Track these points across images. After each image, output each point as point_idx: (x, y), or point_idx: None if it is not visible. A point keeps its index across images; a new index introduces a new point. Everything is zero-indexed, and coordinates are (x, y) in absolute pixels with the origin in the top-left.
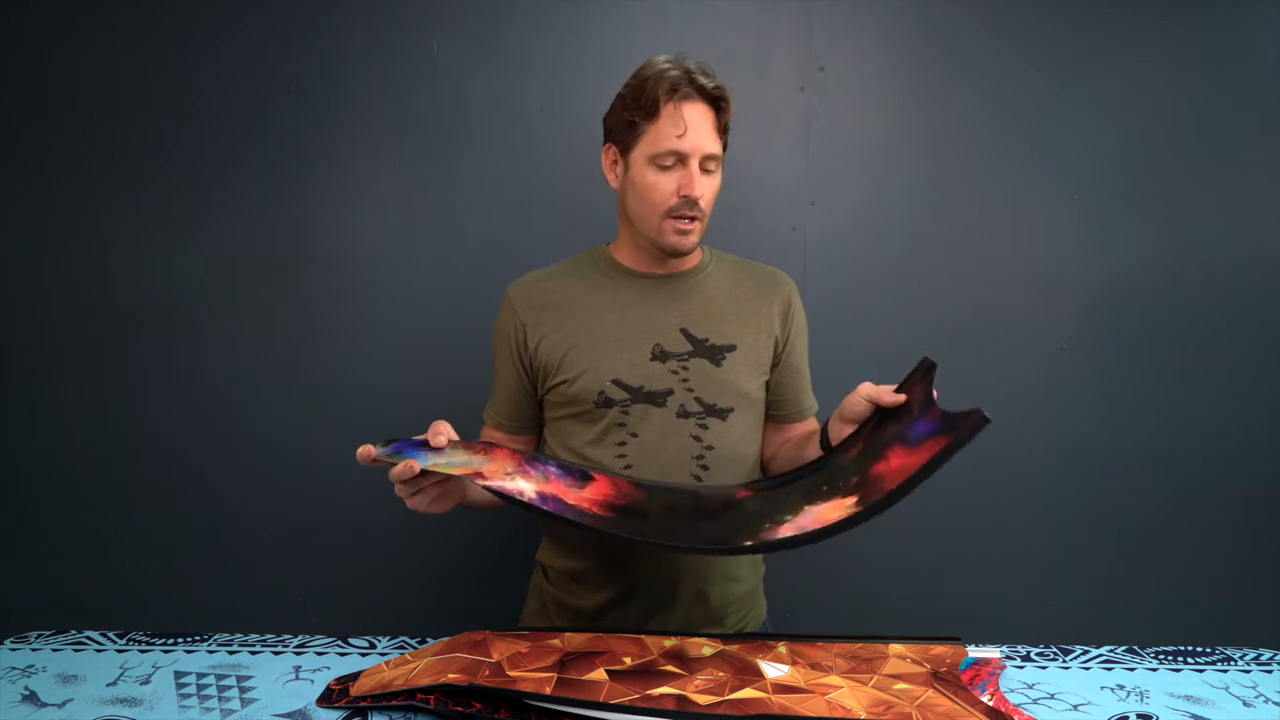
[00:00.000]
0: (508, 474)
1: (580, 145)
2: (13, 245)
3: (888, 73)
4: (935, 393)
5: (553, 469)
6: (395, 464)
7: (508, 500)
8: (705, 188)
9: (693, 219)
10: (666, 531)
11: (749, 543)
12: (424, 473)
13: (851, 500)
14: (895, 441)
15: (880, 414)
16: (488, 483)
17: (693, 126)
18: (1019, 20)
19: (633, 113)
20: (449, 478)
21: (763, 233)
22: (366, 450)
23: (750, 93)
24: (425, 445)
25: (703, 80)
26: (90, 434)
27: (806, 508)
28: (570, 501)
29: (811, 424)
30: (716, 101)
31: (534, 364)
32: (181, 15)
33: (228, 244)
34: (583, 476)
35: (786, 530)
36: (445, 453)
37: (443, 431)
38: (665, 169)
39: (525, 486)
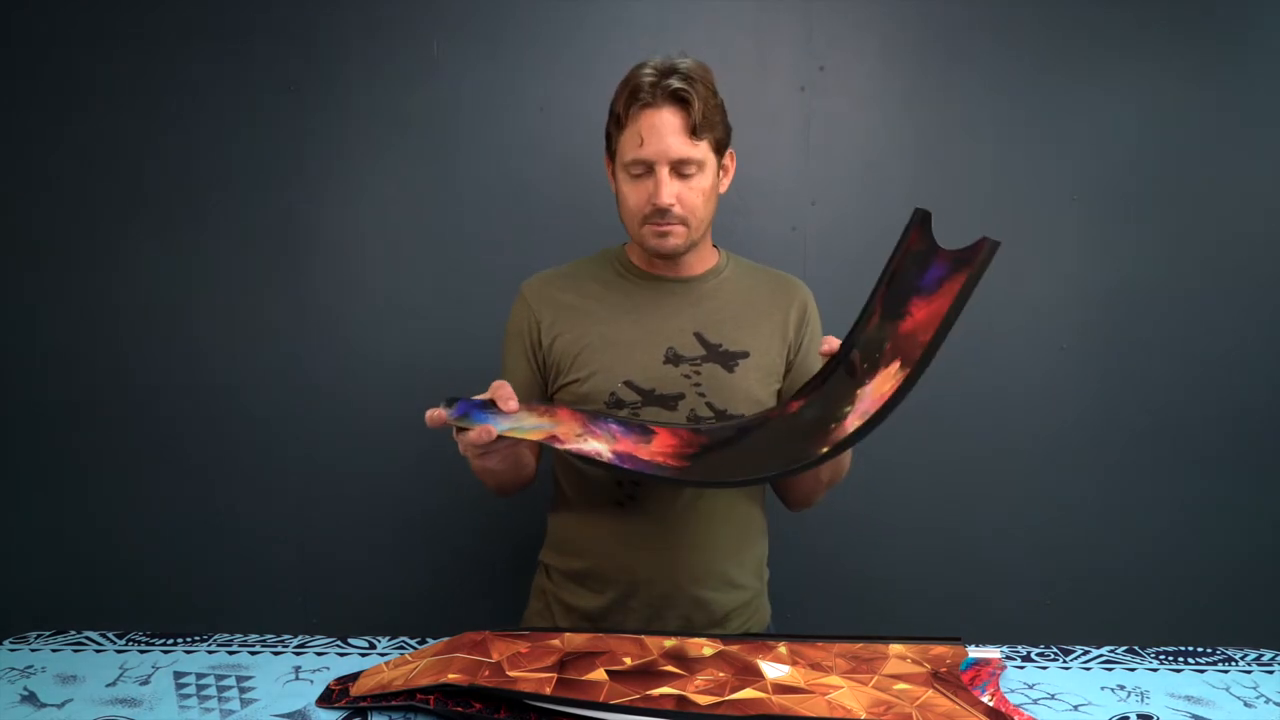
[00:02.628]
0: (578, 435)
1: (580, 145)
2: (13, 245)
3: (888, 73)
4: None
5: (615, 426)
6: (467, 428)
7: (586, 461)
8: (679, 194)
9: (670, 223)
10: (743, 467)
11: (825, 449)
12: (500, 436)
13: (895, 366)
14: (912, 295)
15: (888, 277)
16: (565, 446)
17: (652, 134)
18: (1019, 20)
19: (610, 123)
20: (518, 440)
21: (763, 233)
22: (437, 414)
23: (750, 93)
24: (490, 406)
25: (666, 81)
26: (90, 434)
27: (858, 391)
28: (644, 458)
29: None
30: (682, 102)
31: (547, 361)
32: (181, 15)
33: (227, 243)
34: (644, 431)
35: (853, 421)
36: (515, 415)
37: (511, 395)
38: (636, 177)
39: (599, 447)
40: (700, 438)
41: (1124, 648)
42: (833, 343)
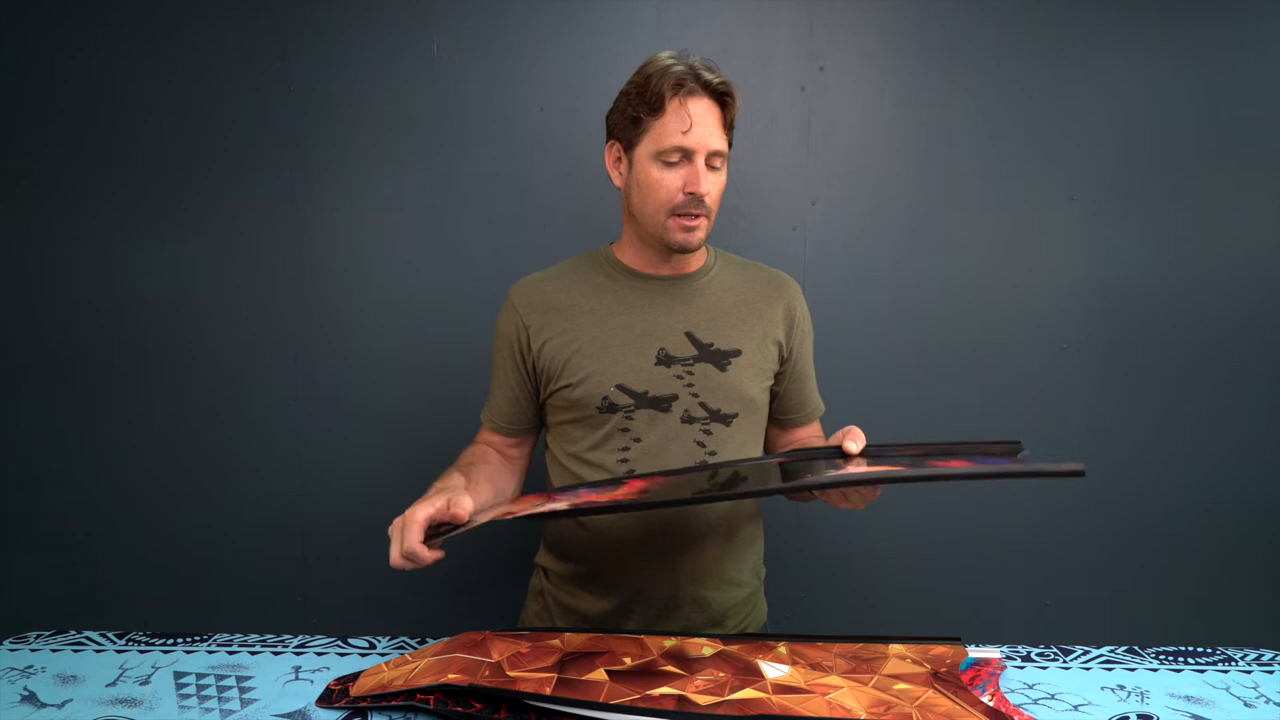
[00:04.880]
0: (535, 505)
1: (580, 145)
2: (13, 245)
3: (888, 73)
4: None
5: (582, 490)
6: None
7: (543, 518)
8: (711, 185)
9: (698, 215)
10: (702, 493)
11: (803, 482)
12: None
13: (900, 468)
14: (961, 457)
15: (942, 446)
16: (518, 514)
17: (698, 122)
18: (1019, 20)
19: (638, 108)
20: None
21: (763, 233)
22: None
23: (751, 92)
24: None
25: (708, 76)
26: (90, 434)
27: (850, 466)
28: (604, 501)
29: (816, 427)
30: (722, 97)
31: (536, 367)
32: (181, 14)
33: (226, 243)
34: (615, 483)
35: (829, 475)
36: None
37: (465, 507)
38: (670, 165)
39: (556, 506)
40: (672, 479)
41: (1124, 648)
42: (856, 436)
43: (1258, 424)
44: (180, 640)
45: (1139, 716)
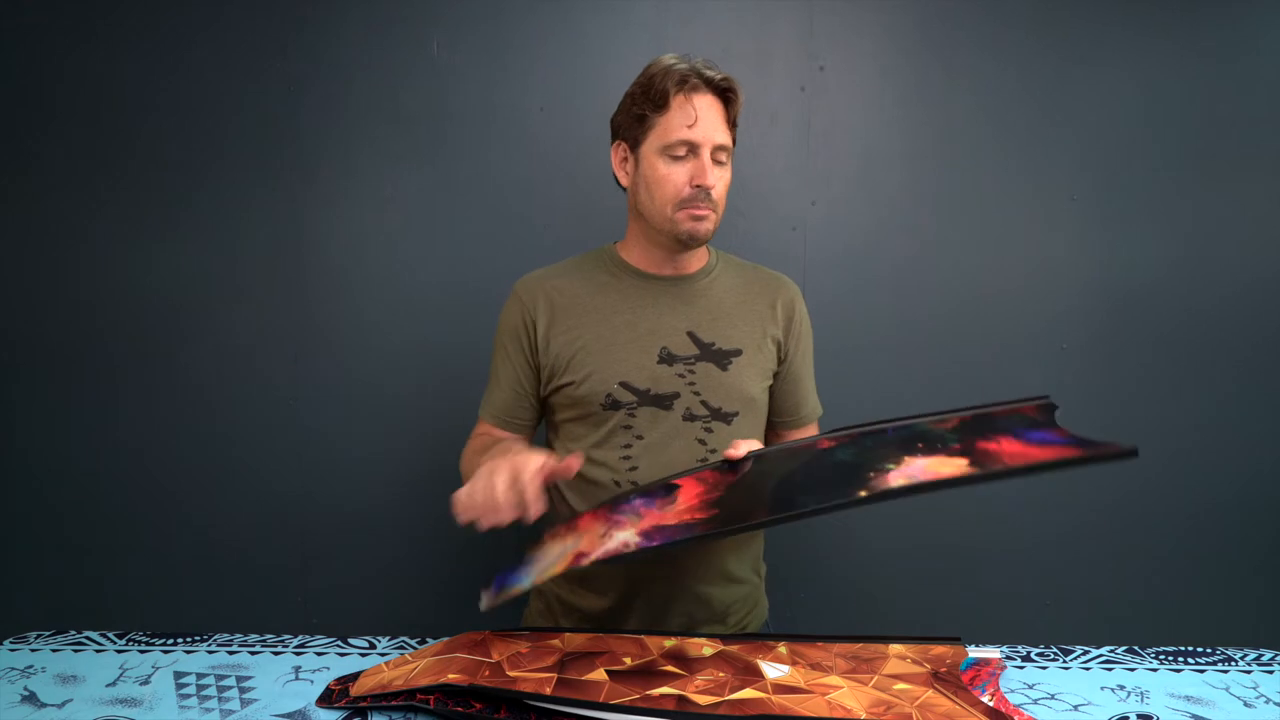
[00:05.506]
0: (602, 536)
1: (581, 145)
2: (13, 246)
3: (888, 73)
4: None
5: (637, 502)
6: (512, 593)
7: (617, 560)
8: (717, 178)
9: (706, 208)
10: (775, 504)
11: (864, 493)
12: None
13: (963, 461)
14: (1005, 434)
15: (975, 409)
16: (593, 556)
17: (703, 116)
18: (1019, 20)
19: (642, 106)
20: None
21: (763, 233)
22: (486, 603)
23: (750, 93)
24: (520, 565)
25: (710, 73)
26: (90, 434)
27: (907, 459)
28: (672, 522)
29: (813, 430)
30: (725, 93)
31: (542, 362)
32: (181, 14)
33: (226, 243)
34: (666, 491)
35: (896, 478)
36: (538, 559)
37: (579, 458)
38: (677, 159)
39: (625, 536)
40: (726, 476)
41: (1124, 648)
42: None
43: (1258, 423)
44: (180, 640)
45: (1139, 716)
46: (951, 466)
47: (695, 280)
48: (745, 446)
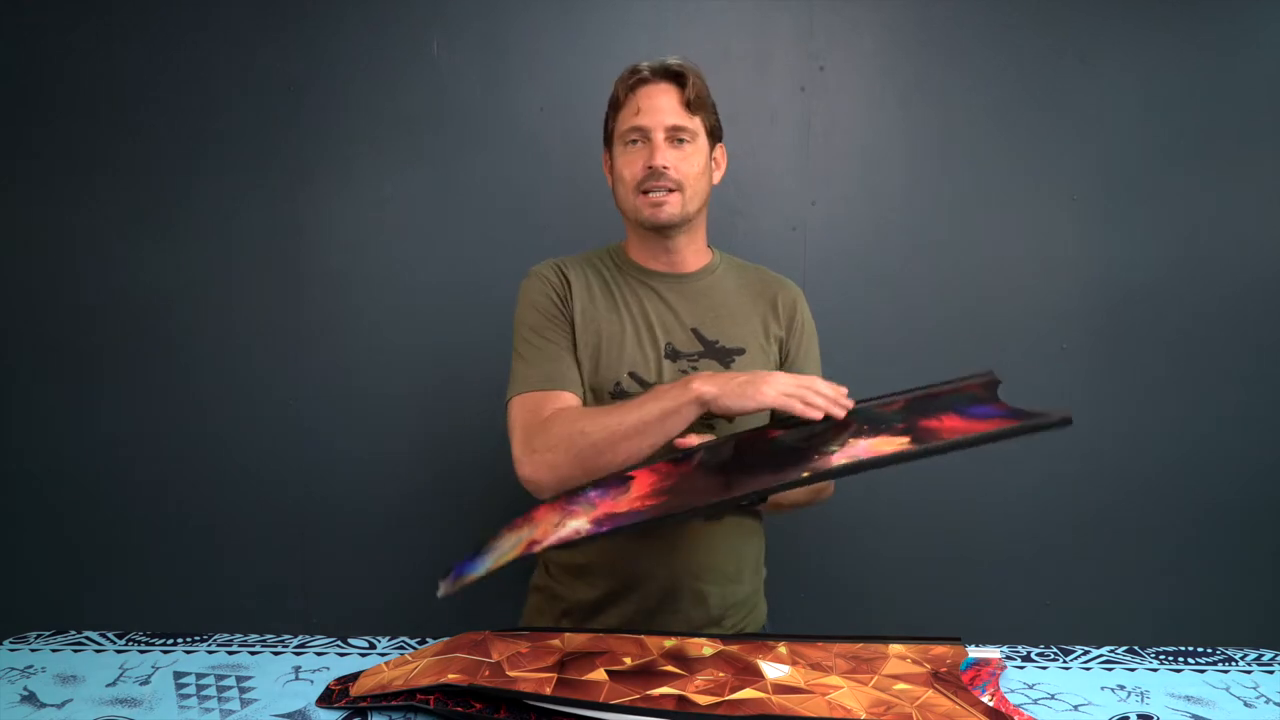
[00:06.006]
0: (556, 524)
1: (580, 145)
2: (13, 246)
3: (888, 73)
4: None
5: (592, 493)
6: (468, 580)
7: (568, 546)
8: (673, 159)
9: (669, 190)
10: (722, 488)
11: (805, 474)
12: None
13: (904, 440)
14: (949, 410)
15: (922, 390)
16: (545, 544)
17: (650, 103)
18: (1019, 20)
19: (609, 111)
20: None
21: (763, 233)
22: (444, 593)
23: (750, 93)
24: (476, 554)
25: (664, 62)
26: (90, 434)
27: (852, 440)
28: (623, 510)
29: None
30: (678, 78)
31: (572, 325)
32: (181, 14)
33: (225, 243)
34: (621, 481)
35: (839, 459)
36: (494, 548)
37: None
38: (632, 144)
39: (577, 525)
40: (680, 467)
41: (1124, 648)
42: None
43: (1258, 423)
44: (180, 640)
45: (1139, 716)
46: (893, 445)
47: (699, 278)
48: (696, 438)
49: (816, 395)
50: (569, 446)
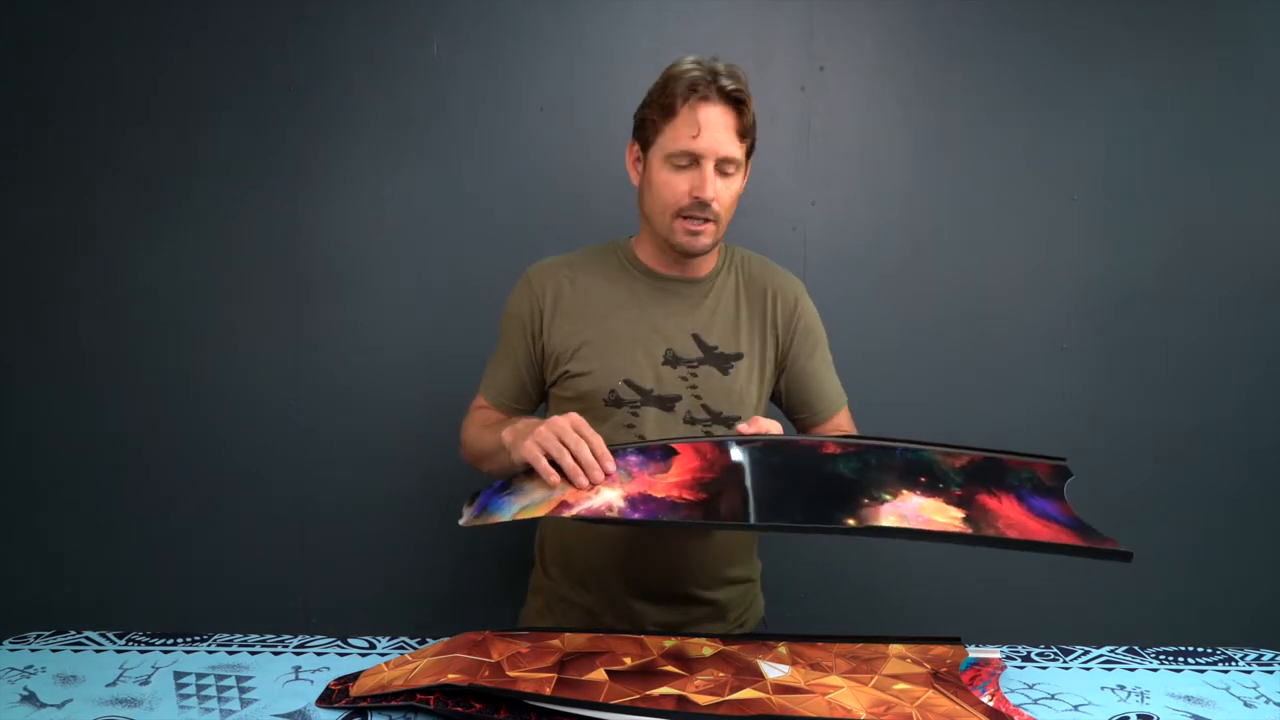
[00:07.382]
0: (591, 488)
1: (581, 144)
2: (14, 245)
3: (888, 73)
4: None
5: (632, 458)
6: (491, 520)
7: (596, 521)
8: (720, 190)
9: (705, 220)
10: (762, 505)
11: (851, 522)
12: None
13: (959, 514)
14: (1010, 491)
15: (993, 452)
16: (574, 510)
17: (708, 128)
18: (1019, 20)
19: (653, 110)
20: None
21: (763, 233)
22: (466, 522)
23: (750, 93)
24: (505, 488)
25: (724, 82)
26: (90, 434)
27: (905, 493)
28: (659, 496)
29: (841, 418)
30: (738, 104)
31: (545, 350)
32: (181, 14)
33: (225, 243)
34: (665, 454)
35: (888, 514)
36: (524, 491)
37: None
38: (680, 169)
39: (611, 497)
40: (724, 456)
41: (1124, 648)
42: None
43: (1258, 424)
44: (180, 640)
45: (1139, 716)
46: (945, 516)
47: (704, 283)
48: (766, 425)
49: (563, 457)
50: (466, 449)
